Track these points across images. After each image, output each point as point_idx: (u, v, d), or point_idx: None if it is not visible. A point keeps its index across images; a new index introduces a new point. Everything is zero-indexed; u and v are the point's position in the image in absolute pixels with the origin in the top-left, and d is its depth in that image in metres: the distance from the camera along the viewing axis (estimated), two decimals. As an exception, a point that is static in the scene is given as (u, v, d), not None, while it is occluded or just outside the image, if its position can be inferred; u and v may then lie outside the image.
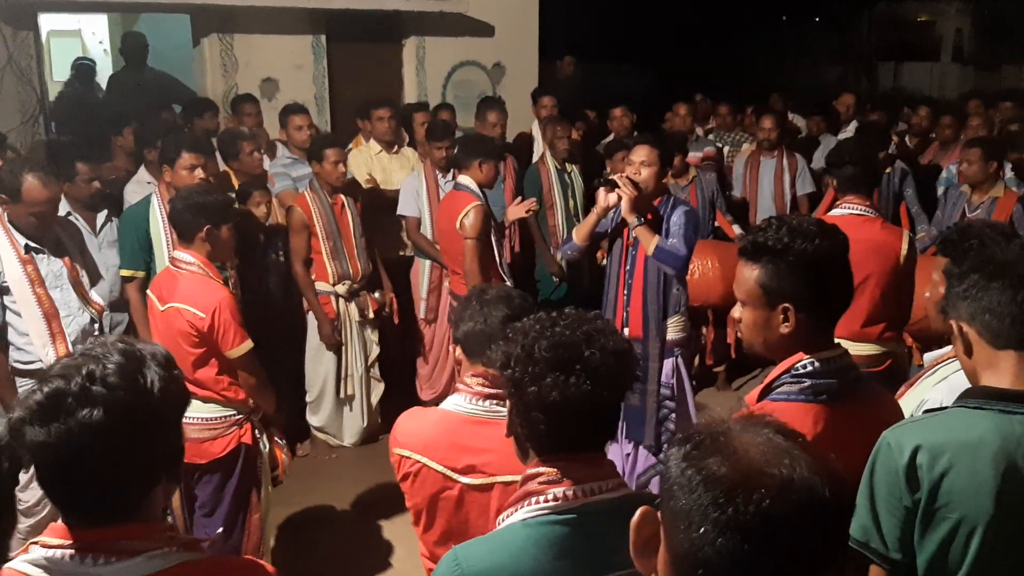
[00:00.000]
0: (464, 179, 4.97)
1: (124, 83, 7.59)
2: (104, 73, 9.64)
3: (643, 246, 4.05)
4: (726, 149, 7.58)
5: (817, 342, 2.04)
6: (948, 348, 2.62)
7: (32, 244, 3.79)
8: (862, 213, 3.97)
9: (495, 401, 2.17)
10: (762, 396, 2.07)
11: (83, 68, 8.27)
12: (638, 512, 1.13)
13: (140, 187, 5.09)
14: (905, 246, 3.89)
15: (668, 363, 4.23)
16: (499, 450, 2.10)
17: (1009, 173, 6.05)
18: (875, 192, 5.77)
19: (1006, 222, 4.87)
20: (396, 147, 6.19)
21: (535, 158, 6.59)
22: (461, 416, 2.20)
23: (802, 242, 2.00)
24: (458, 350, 2.33)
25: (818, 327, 2.05)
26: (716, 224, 6.33)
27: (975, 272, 1.86)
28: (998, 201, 5.13)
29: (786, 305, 2.02)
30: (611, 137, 7.06)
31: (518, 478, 2.08)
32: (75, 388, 1.42)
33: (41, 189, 3.70)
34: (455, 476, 2.14)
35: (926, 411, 2.33)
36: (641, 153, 4.14)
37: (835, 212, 4.06)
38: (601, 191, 4.15)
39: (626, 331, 4.16)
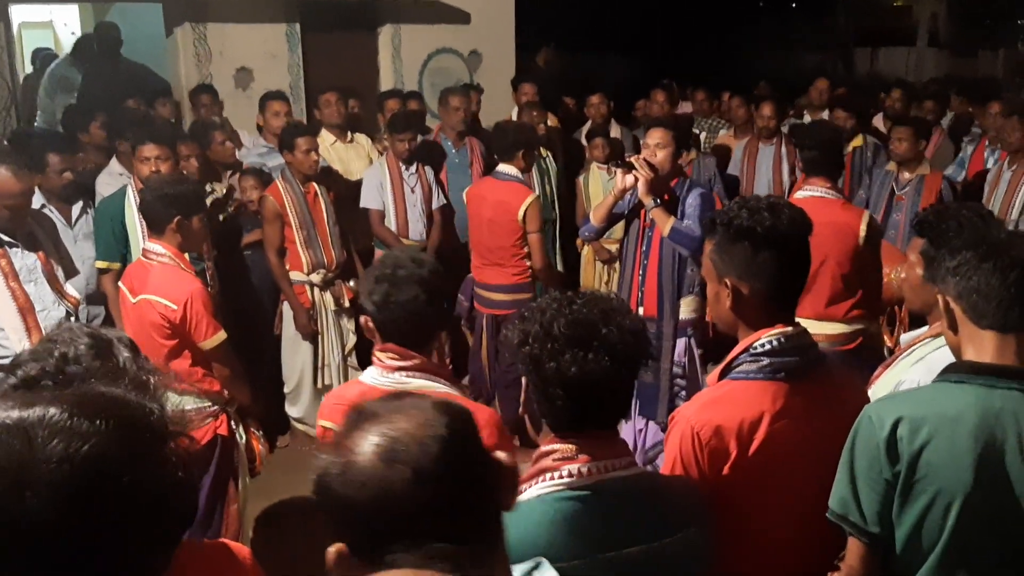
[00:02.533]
0: (507, 168, 4.94)
1: (98, 74, 7.47)
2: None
3: (659, 227, 4.13)
4: (703, 135, 7.57)
5: (764, 320, 2.05)
6: (924, 329, 2.63)
7: (5, 238, 3.74)
8: (824, 195, 4.02)
9: (403, 373, 2.26)
10: (722, 375, 2.10)
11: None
12: (331, 554, 1.17)
13: (112, 179, 5.04)
14: (864, 226, 3.94)
15: (680, 342, 4.33)
16: None
17: None
18: (847, 169, 5.83)
19: (935, 200, 4.95)
20: (349, 135, 6.15)
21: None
22: (376, 388, 2.25)
23: (747, 216, 2.03)
24: (371, 322, 2.36)
25: (765, 304, 2.05)
26: None
27: (968, 249, 1.85)
28: (925, 179, 5.20)
29: (727, 279, 2.06)
30: (588, 124, 7.05)
31: None
32: (50, 369, 1.41)
33: (14, 181, 3.64)
34: None
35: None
36: (656, 135, 4.20)
37: (799, 195, 4.13)
38: (619, 173, 4.22)
39: (641, 310, 4.27)
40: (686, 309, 4.30)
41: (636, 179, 4.11)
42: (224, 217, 5.06)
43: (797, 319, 2.14)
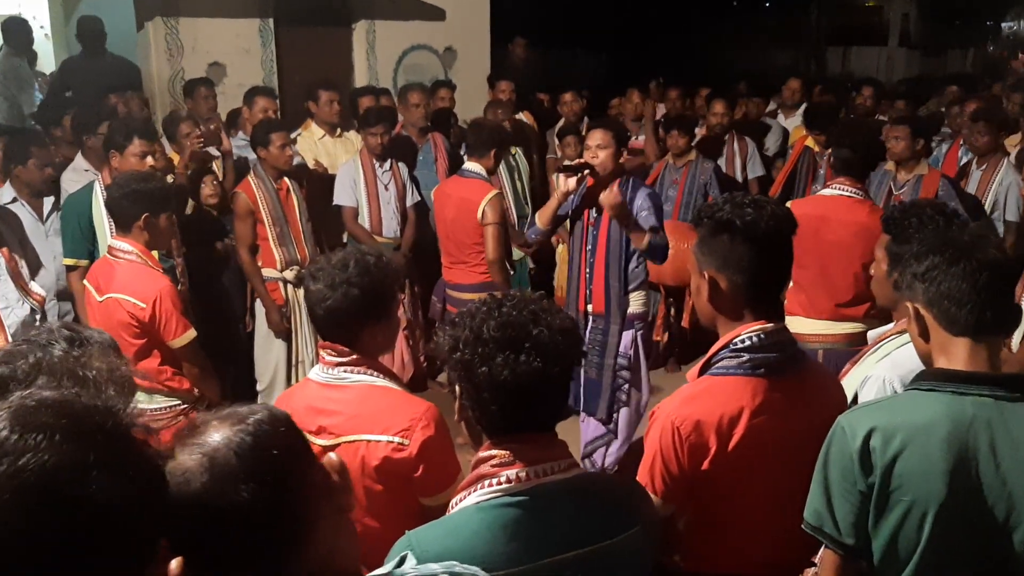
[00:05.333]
0: (473, 166, 4.92)
1: (81, 70, 7.29)
2: (45, 58, 9.41)
3: (636, 244, 4.12)
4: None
5: (742, 314, 2.07)
6: (891, 325, 2.66)
7: (-33, 235, 3.70)
8: (852, 195, 4.03)
9: (342, 368, 2.29)
10: (703, 371, 2.10)
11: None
12: (172, 568, 1.15)
13: (77, 175, 4.95)
14: None
15: (627, 335, 4.35)
16: (345, 412, 2.25)
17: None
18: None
19: (933, 198, 4.97)
20: (339, 131, 6.15)
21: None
22: (318, 383, 2.31)
23: (729, 210, 2.04)
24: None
25: (743, 298, 2.06)
26: None
27: (935, 254, 1.82)
28: (923, 179, 5.20)
29: (706, 271, 2.08)
30: (562, 122, 7.06)
31: (361, 438, 2.21)
32: (20, 375, 1.39)
33: None
34: (309, 438, 2.19)
35: (871, 395, 2.36)
36: (596, 137, 4.23)
37: (826, 191, 4.16)
38: (560, 176, 4.24)
39: (589, 307, 4.34)
40: (634, 304, 4.34)
41: (578, 182, 4.17)
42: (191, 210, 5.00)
43: (814, 320, 2.15)
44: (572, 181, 4.18)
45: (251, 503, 1.12)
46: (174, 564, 1.13)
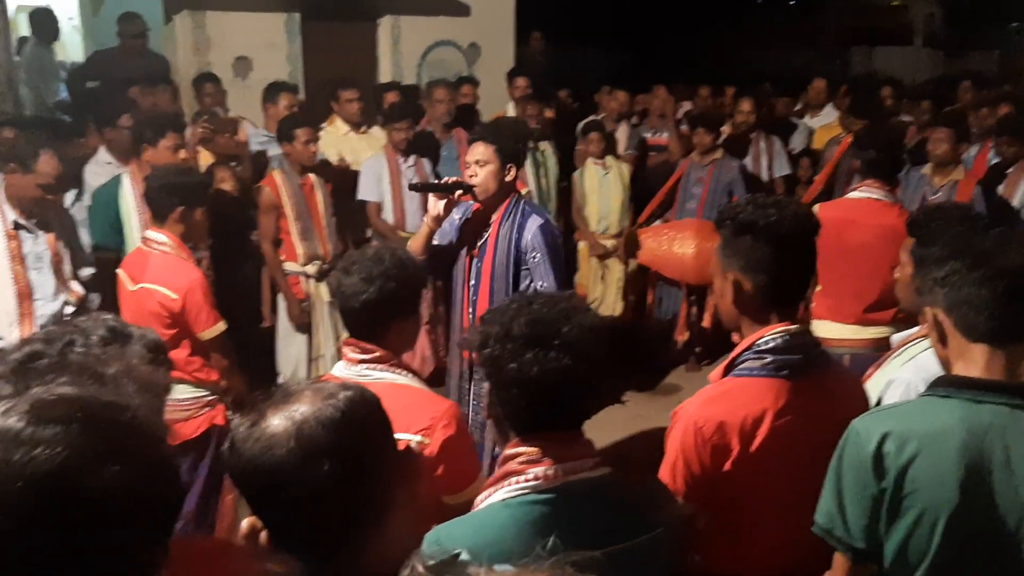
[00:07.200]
0: None
1: (113, 63, 7.26)
2: (74, 49, 9.50)
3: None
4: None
5: (766, 316, 2.07)
6: (916, 329, 2.66)
7: (20, 221, 3.78)
8: (880, 198, 4.00)
9: (365, 365, 2.30)
10: (726, 372, 2.11)
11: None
12: (245, 526, 1.20)
13: (100, 168, 4.95)
14: None
15: None
16: None
17: None
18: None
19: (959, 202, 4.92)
20: (364, 127, 6.18)
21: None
22: (342, 380, 2.28)
23: (751, 211, 2.05)
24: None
25: (766, 300, 2.07)
26: None
27: (956, 259, 1.81)
28: (959, 184, 5.15)
29: (729, 273, 2.08)
30: (601, 116, 7.06)
31: None
32: (53, 352, 1.42)
33: (55, 164, 3.75)
34: None
35: (895, 399, 2.36)
36: (476, 151, 3.55)
37: (853, 195, 4.12)
38: (431, 199, 3.56)
39: (475, 355, 3.59)
40: None
41: (447, 205, 3.50)
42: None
43: (841, 324, 2.13)
44: (441, 204, 3.48)
45: (331, 479, 1.14)
46: (245, 524, 1.18)
